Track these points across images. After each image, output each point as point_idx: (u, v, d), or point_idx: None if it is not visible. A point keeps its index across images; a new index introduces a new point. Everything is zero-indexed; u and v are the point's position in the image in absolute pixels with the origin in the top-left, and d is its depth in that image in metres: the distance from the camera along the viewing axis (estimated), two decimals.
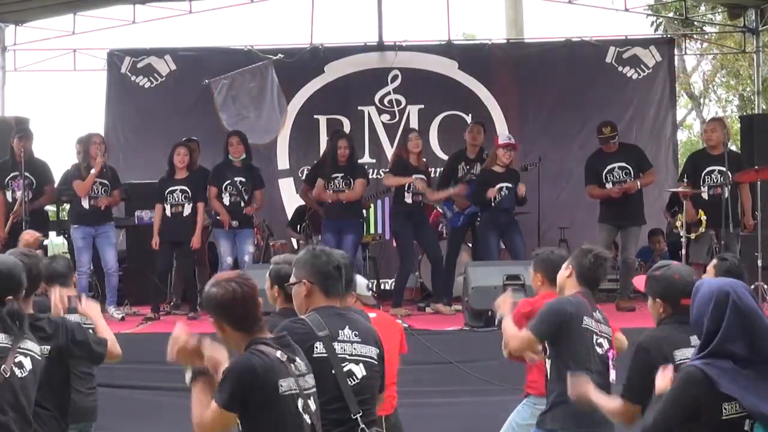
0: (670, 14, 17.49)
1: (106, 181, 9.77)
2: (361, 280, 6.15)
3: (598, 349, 4.85)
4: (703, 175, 9.48)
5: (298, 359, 3.57)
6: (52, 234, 11.80)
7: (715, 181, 9.40)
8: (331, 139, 10.51)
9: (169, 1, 12.73)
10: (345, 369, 3.99)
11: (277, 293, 4.59)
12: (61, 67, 13.31)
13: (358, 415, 3.96)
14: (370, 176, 10.95)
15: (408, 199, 9.84)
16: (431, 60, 12.70)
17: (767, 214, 9.50)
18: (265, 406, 3.43)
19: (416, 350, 8.18)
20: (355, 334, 4.07)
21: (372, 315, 6.12)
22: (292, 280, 4.11)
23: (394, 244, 10.89)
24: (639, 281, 4.39)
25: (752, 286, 9.20)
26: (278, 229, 11.64)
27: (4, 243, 9.39)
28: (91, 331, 5.01)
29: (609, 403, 4.14)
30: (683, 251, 9.22)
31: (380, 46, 12.89)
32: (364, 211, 10.82)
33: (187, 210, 9.73)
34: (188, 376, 3.55)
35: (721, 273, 5.80)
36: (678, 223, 9.48)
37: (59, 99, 34.74)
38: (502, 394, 7.34)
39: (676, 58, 14.06)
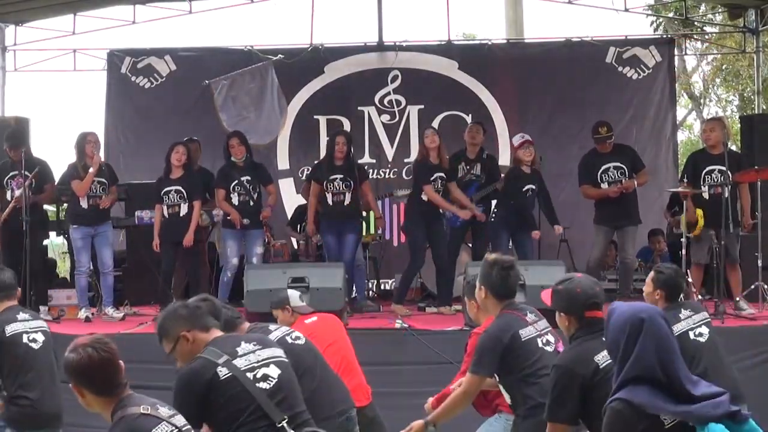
0: (670, 14, 17.50)
1: (103, 179, 9.76)
2: (292, 293, 6.29)
3: (548, 348, 4.78)
4: (703, 174, 9.47)
5: (159, 405, 3.57)
6: (52, 234, 11.80)
7: (715, 180, 9.40)
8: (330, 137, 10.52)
9: (169, 2, 12.73)
10: (258, 375, 4.06)
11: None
12: (61, 67, 13.30)
13: (283, 422, 4.01)
14: (370, 176, 10.94)
15: (424, 196, 9.82)
16: (431, 60, 12.71)
17: (767, 214, 9.50)
18: None
19: (416, 351, 8.20)
20: (253, 344, 4.16)
21: (312, 319, 6.20)
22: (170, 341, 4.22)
23: (395, 243, 10.90)
24: (546, 295, 4.37)
25: (752, 286, 9.24)
26: (278, 229, 11.64)
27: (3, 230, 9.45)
28: None
29: None
30: (683, 251, 9.21)
31: (380, 47, 12.89)
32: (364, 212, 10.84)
33: (184, 210, 9.72)
34: None
35: (659, 284, 5.81)
36: (678, 224, 9.47)
37: (59, 99, 34.84)
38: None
39: (676, 58, 14.05)
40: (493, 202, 10.27)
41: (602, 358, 4.01)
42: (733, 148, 11.67)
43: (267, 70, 11.57)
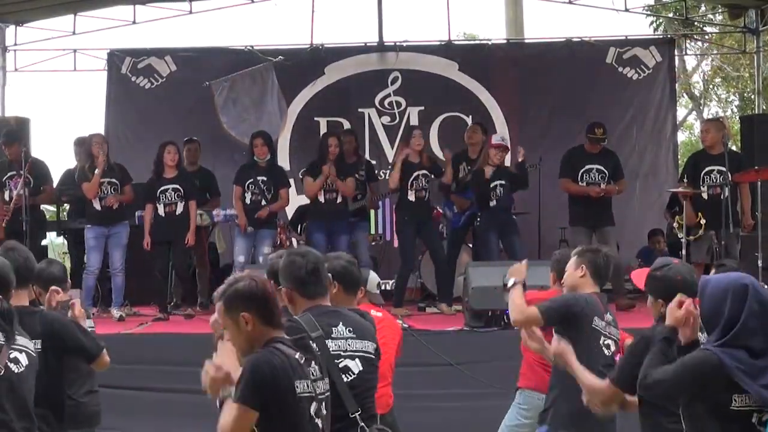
0: (670, 14, 17.49)
1: (114, 180, 9.77)
2: (373, 277, 6.16)
3: (605, 351, 4.84)
4: (702, 175, 9.49)
5: (314, 363, 3.54)
6: (52, 234, 11.81)
7: (714, 180, 9.41)
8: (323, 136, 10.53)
9: (170, 2, 12.72)
10: (341, 365, 3.99)
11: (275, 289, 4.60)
12: (61, 67, 13.29)
13: (356, 414, 3.96)
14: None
15: (411, 197, 9.82)
16: (431, 61, 12.70)
17: (767, 214, 9.50)
18: (282, 406, 3.39)
19: (416, 351, 8.20)
20: (349, 330, 4.07)
21: (378, 314, 6.16)
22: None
23: (395, 243, 10.89)
24: (638, 278, 4.33)
25: None
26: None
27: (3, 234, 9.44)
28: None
29: (591, 378, 4.11)
30: (683, 251, 9.21)
31: (380, 47, 12.88)
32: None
33: (180, 209, 9.73)
34: (225, 394, 3.40)
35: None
36: (676, 225, 9.48)
37: (59, 99, 34.85)
38: (503, 397, 7.33)
39: (676, 58, 14.05)
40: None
41: None
42: (734, 148, 11.67)
43: (267, 71, 11.58)
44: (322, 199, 9.90)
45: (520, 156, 9.91)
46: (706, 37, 16.78)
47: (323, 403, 3.55)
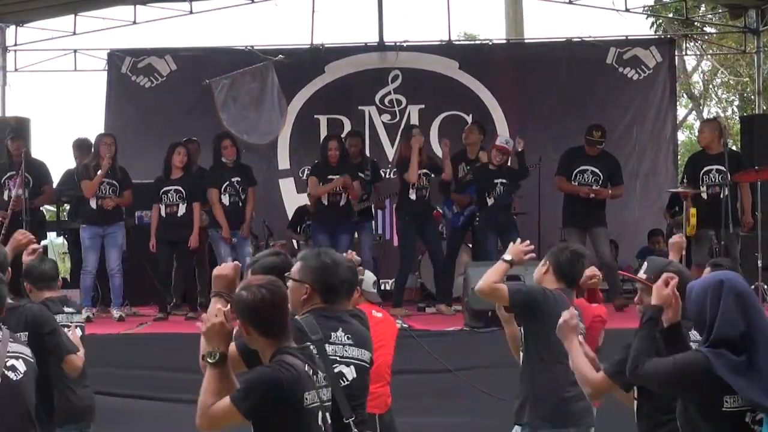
0: (671, 15, 17.47)
1: (114, 182, 9.76)
2: (368, 277, 6.15)
3: None
4: (701, 175, 9.50)
5: (320, 372, 3.56)
6: (52, 234, 11.81)
7: (713, 180, 9.42)
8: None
9: (170, 2, 12.72)
10: (335, 370, 4.00)
11: None
12: (61, 67, 13.30)
13: (351, 419, 3.98)
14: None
15: (412, 195, 9.81)
16: (432, 60, 12.70)
17: (767, 214, 9.50)
18: (290, 419, 3.41)
19: (416, 352, 8.19)
20: (347, 337, 4.08)
21: (378, 315, 6.16)
22: (296, 276, 4.04)
23: (395, 242, 10.88)
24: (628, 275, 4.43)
25: (752, 287, 9.21)
26: (278, 229, 11.63)
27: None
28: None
29: (587, 367, 4.11)
30: (683, 251, 9.20)
31: (381, 46, 12.88)
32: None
33: (182, 210, 9.73)
34: (208, 356, 3.45)
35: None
36: (678, 224, 9.49)
37: (60, 99, 34.85)
38: (503, 400, 7.34)
39: (676, 58, 14.04)
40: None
41: (693, 336, 4.02)
42: (734, 148, 11.67)
43: (267, 70, 11.56)
44: (325, 200, 9.89)
45: (519, 146, 9.91)
46: (706, 37, 16.78)
47: (328, 412, 3.57)
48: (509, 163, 10.05)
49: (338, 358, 4.04)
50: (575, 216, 9.93)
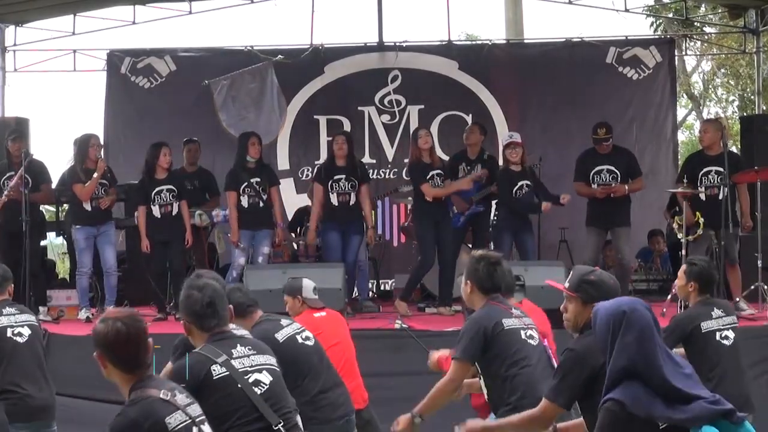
0: (670, 15, 17.48)
1: (105, 181, 9.75)
2: (307, 284, 6.21)
3: (531, 342, 4.79)
4: (699, 175, 9.48)
5: (177, 392, 3.53)
6: (52, 234, 11.80)
7: (712, 181, 9.41)
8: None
9: (170, 2, 12.71)
10: (250, 380, 4.09)
11: None
12: (61, 67, 13.29)
13: (279, 425, 4.05)
14: (370, 176, 10.90)
15: (427, 197, 9.79)
16: (431, 60, 12.70)
17: (767, 215, 9.48)
18: None
19: (416, 352, 8.18)
20: (248, 348, 4.20)
21: (321, 314, 6.19)
22: (181, 316, 4.27)
23: (395, 243, 10.85)
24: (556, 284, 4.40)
25: (752, 287, 9.23)
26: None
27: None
28: None
29: (522, 418, 4.19)
30: (683, 252, 9.20)
31: (380, 47, 12.88)
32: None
33: (176, 209, 9.72)
34: None
35: (692, 276, 5.85)
36: (675, 225, 9.48)
37: (59, 99, 34.92)
38: None
39: (676, 58, 14.04)
40: (494, 203, 10.27)
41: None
42: (734, 148, 11.66)
43: (267, 70, 11.56)
44: (335, 201, 9.84)
45: (564, 200, 9.85)
46: (706, 37, 16.78)
47: (204, 424, 3.54)
48: (525, 159, 9.95)
49: (249, 368, 4.13)
50: (597, 216, 9.88)
